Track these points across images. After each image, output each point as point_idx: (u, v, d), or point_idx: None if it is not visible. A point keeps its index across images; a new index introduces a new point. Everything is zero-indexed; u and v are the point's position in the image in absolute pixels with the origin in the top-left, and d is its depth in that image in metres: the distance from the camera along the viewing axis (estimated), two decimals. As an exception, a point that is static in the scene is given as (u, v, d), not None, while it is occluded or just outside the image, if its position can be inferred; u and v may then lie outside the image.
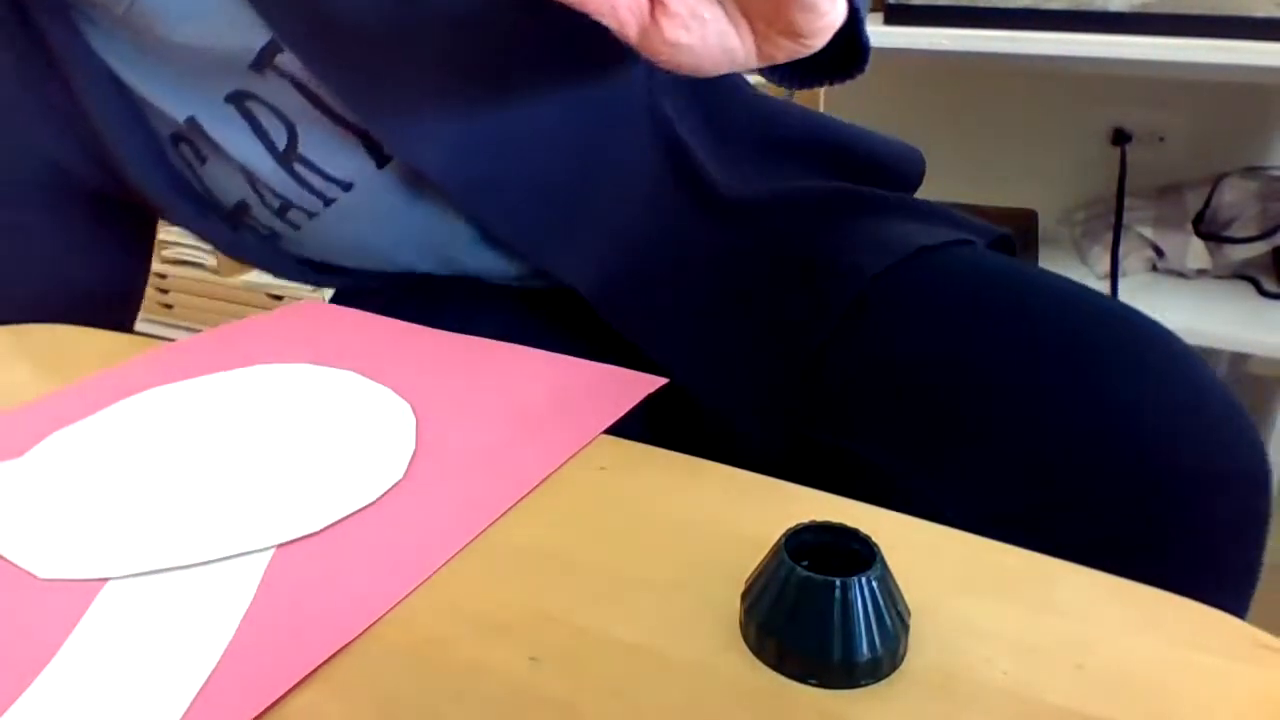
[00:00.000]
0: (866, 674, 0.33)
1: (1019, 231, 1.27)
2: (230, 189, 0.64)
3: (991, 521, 0.42)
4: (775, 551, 0.35)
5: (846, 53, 0.52)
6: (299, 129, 0.61)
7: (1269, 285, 1.19)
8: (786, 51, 0.42)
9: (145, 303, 2.02)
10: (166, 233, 1.77)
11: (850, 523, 0.36)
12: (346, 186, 0.63)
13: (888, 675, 0.34)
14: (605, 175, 0.66)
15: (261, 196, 0.64)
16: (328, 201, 0.63)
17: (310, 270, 0.70)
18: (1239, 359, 1.28)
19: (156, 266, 1.84)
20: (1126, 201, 1.23)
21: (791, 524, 0.36)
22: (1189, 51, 1.01)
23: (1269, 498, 0.51)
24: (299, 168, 0.62)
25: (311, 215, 0.64)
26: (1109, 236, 1.21)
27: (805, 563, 0.34)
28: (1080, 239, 1.30)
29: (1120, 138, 1.29)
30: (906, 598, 0.35)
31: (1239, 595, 0.51)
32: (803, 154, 0.74)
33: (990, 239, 0.68)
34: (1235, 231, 1.18)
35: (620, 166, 0.66)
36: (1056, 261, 1.26)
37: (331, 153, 0.62)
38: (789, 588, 0.34)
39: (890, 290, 0.61)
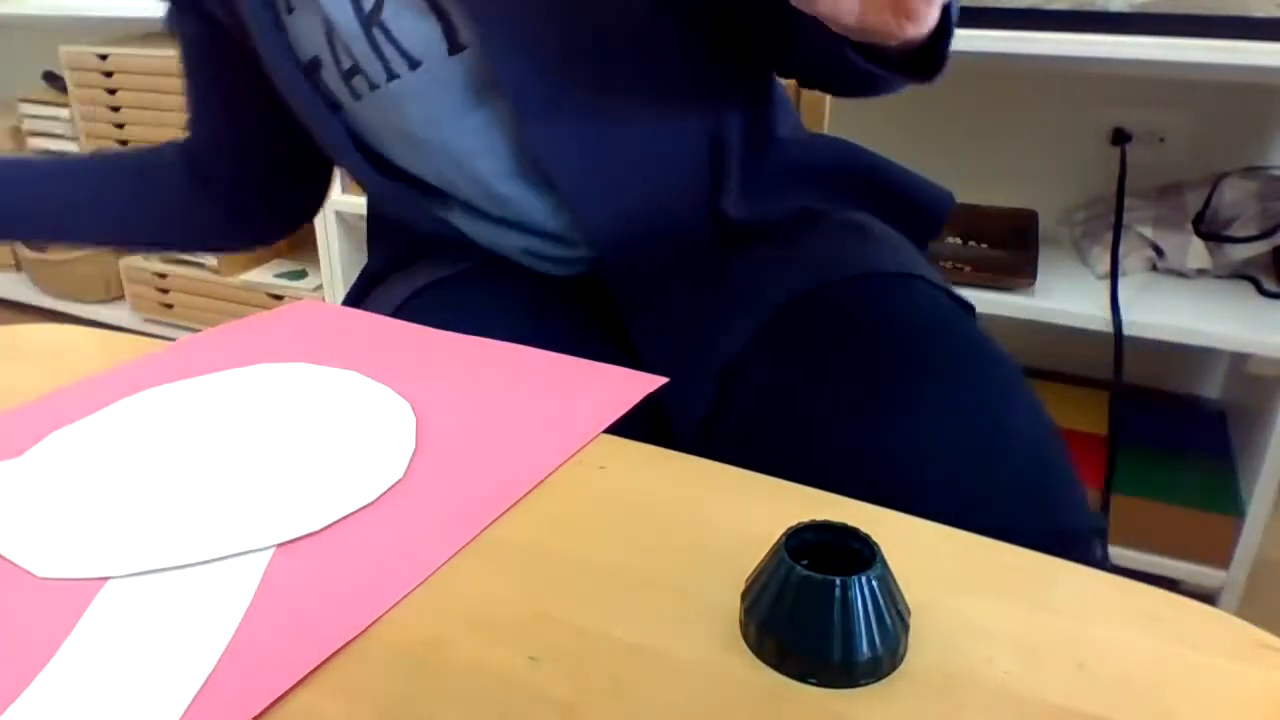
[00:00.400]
0: (866, 674, 0.33)
1: (1019, 231, 1.27)
2: (309, 43, 0.67)
3: None
4: (775, 551, 0.35)
5: (917, 60, 0.53)
6: None
7: (1269, 285, 1.19)
8: (882, 27, 0.43)
9: (145, 302, 1.99)
10: (166, 233, 1.77)
11: (850, 523, 0.36)
12: (414, 64, 0.64)
13: (888, 675, 0.34)
14: (653, 152, 0.68)
15: (335, 54, 0.66)
16: (392, 75, 0.65)
17: (360, 157, 0.70)
18: (1239, 359, 1.28)
19: (156, 266, 1.84)
20: (1126, 201, 1.23)
21: (791, 524, 0.36)
22: (1189, 51, 1.01)
23: (1091, 555, 0.51)
24: (376, 32, 0.64)
25: (374, 87, 0.66)
26: (1109, 236, 1.21)
27: (805, 562, 0.34)
28: (1080, 239, 1.30)
29: (1120, 138, 1.29)
30: (906, 597, 0.35)
31: None
32: (829, 181, 0.76)
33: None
34: (1235, 231, 1.18)
35: (667, 153, 0.68)
36: (1056, 261, 1.26)
37: (410, 26, 0.64)
38: (789, 587, 0.34)
39: (805, 315, 0.63)
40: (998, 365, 0.56)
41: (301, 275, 1.82)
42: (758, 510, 0.42)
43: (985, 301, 1.17)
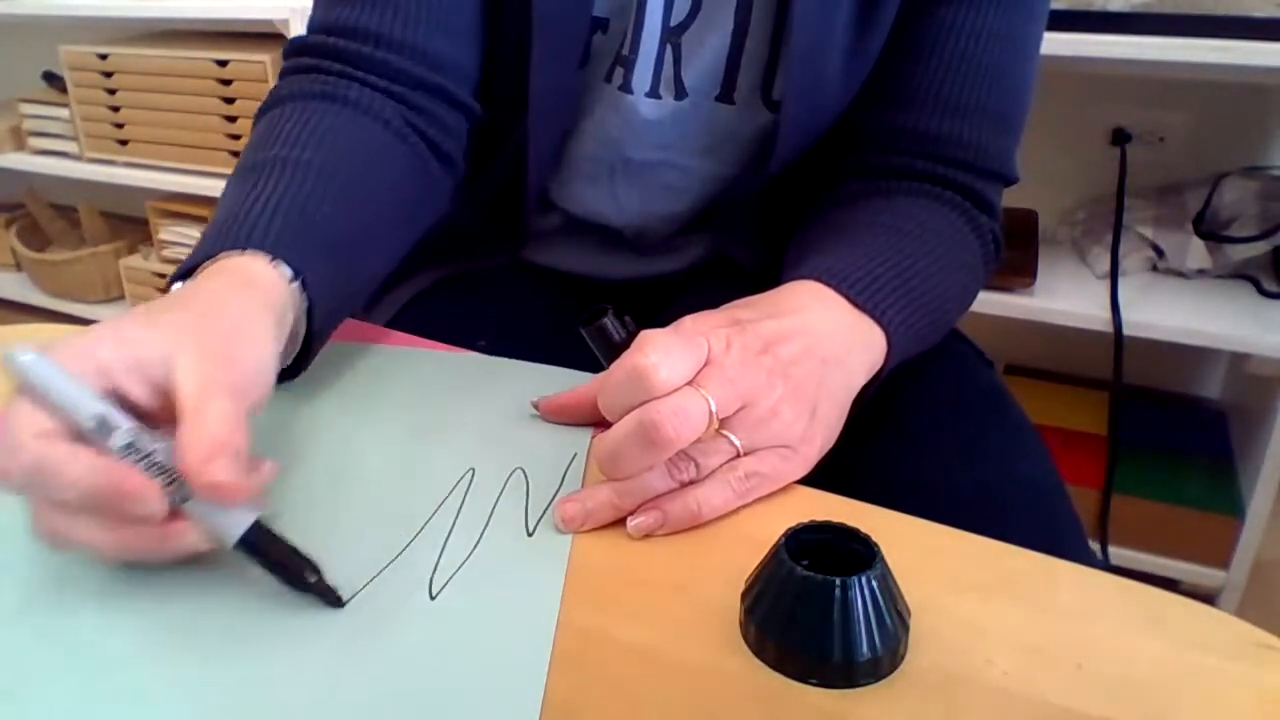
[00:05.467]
0: (866, 674, 0.33)
1: (1019, 231, 1.27)
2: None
3: None
4: (775, 551, 0.35)
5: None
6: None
7: (1269, 285, 1.18)
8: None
9: (145, 302, 1.98)
10: (166, 232, 1.77)
11: (850, 523, 0.36)
12: (681, 95, 0.62)
13: (888, 675, 0.34)
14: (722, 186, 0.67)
15: (627, 35, 0.61)
16: (654, 94, 0.62)
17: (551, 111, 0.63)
18: (1239, 359, 1.28)
19: (156, 266, 1.84)
20: (1126, 201, 1.23)
21: (791, 524, 0.36)
22: (1189, 51, 1.01)
23: None
24: (668, 48, 0.61)
25: (625, 90, 0.62)
26: (1109, 236, 1.21)
27: (805, 562, 0.34)
28: (1080, 239, 1.30)
29: (1120, 138, 1.29)
30: (906, 598, 0.35)
31: None
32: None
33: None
34: (1235, 231, 1.18)
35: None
36: (1056, 261, 1.26)
37: (701, 60, 0.61)
38: (789, 588, 0.33)
39: None
40: (1014, 418, 0.57)
41: (301, 275, 1.82)
42: (758, 510, 0.42)
43: (985, 302, 1.17)
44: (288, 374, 0.48)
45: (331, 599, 0.36)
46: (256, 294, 0.43)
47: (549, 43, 0.59)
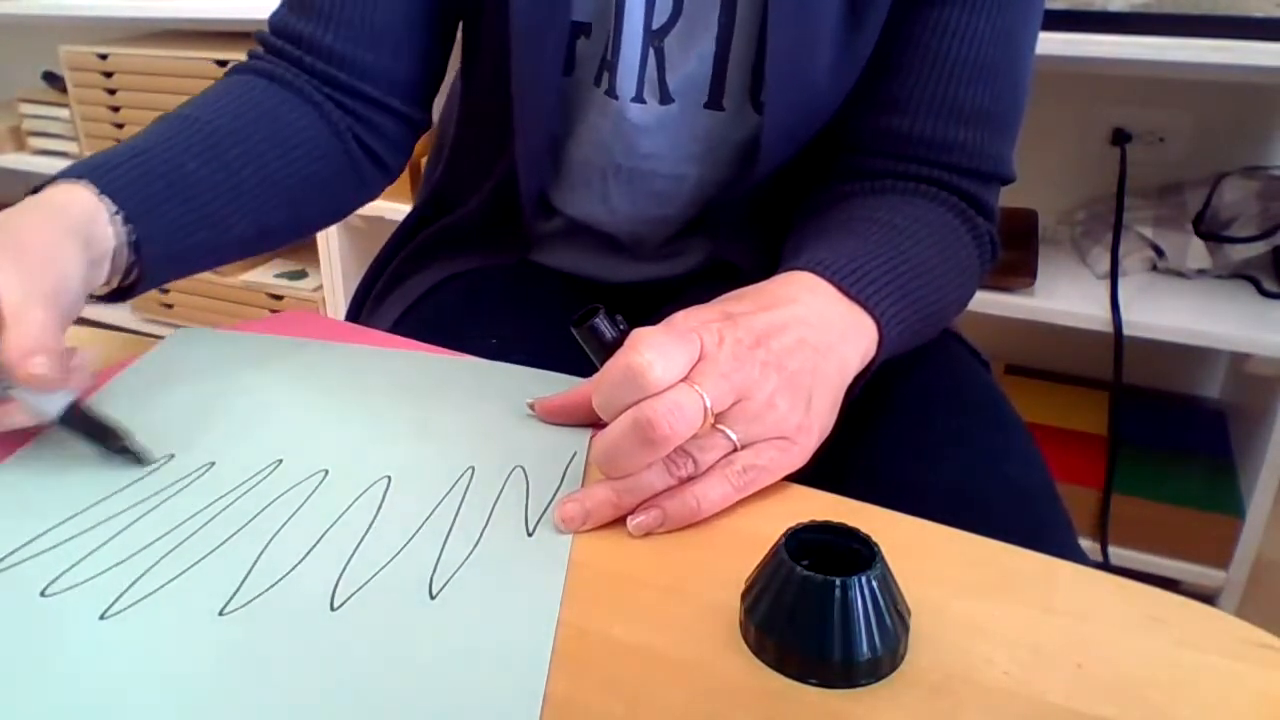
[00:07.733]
0: (866, 674, 0.33)
1: (1019, 231, 1.27)
2: (586, 4, 0.61)
3: None
4: (775, 551, 0.35)
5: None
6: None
7: (1269, 285, 1.18)
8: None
9: (145, 302, 1.99)
10: (166, 233, 1.77)
11: (850, 523, 0.36)
12: (667, 100, 0.62)
13: (888, 675, 0.34)
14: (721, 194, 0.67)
15: (610, 40, 0.60)
16: (639, 99, 0.62)
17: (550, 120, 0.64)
18: (1239, 359, 1.28)
19: (156, 266, 1.84)
20: (1126, 201, 1.23)
21: (791, 524, 0.36)
22: (1189, 51, 1.01)
23: None
24: (651, 52, 0.61)
25: (611, 94, 0.62)
26: (1109, 236, 1.21)
27: (805, 562, 0.34)
28: (1080, 239, 1.30)
29: (1120, 138, 1.29)
30: (906, 598, 0.35)
31: None
32: None
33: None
34: (1235, 231, 1.18)
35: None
36: (1056, 261, 1.26)
37: (685, 65, 0.61)
38: (789, 588, 0.34)
39: None
40: (1005, 418, 0.57)
41: (302, 275, 1.82)
42: (757, 510, 0.42)
43: (985, 302, 1.17)
44: (121, 294, 0.54)
45: (140, 458, 0.44)
46: (64, 219, 0.48)
47: (528, 49, 0.60)
